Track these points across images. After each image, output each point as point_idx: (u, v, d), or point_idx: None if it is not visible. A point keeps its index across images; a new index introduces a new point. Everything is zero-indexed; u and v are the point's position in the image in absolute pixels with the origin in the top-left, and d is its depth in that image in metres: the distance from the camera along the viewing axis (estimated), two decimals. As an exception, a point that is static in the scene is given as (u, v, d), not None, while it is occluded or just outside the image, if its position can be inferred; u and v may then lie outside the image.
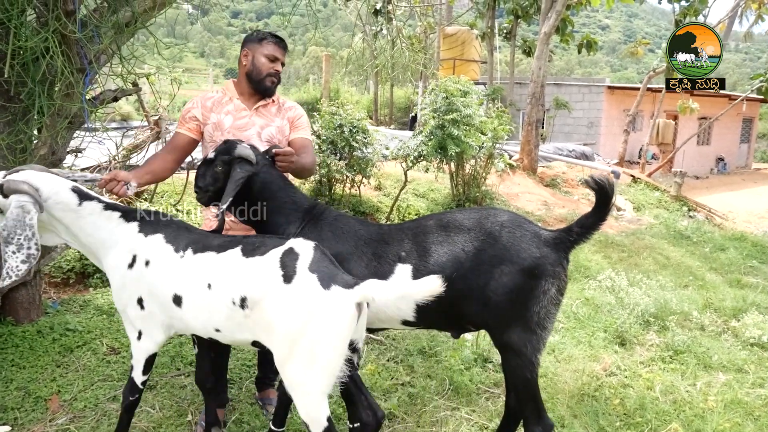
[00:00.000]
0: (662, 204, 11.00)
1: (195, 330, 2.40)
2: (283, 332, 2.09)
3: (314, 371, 2.08)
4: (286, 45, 3.02)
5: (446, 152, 6.56)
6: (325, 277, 2.08)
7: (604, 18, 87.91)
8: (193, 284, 2.29)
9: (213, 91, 3.06)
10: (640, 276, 5.89)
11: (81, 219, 2.40)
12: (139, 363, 2.51)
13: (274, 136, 2.99)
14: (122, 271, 2.41)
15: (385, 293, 2.07)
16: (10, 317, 3.76)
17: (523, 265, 2.31)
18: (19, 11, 2.74)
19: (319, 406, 2.13)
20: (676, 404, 3.50)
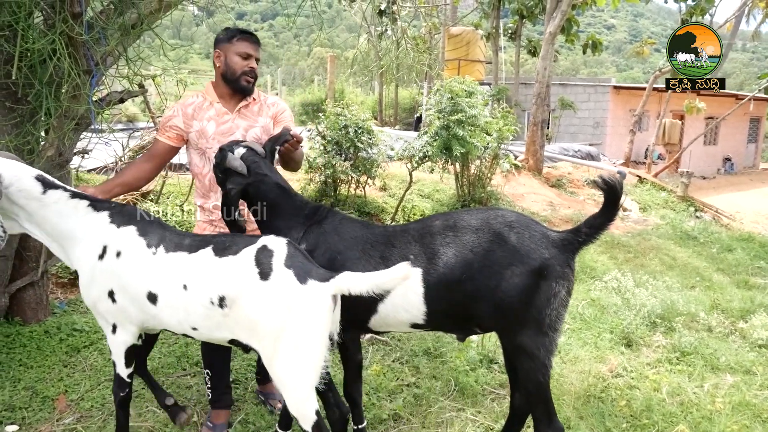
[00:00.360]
0: (669, 204, 10.96)
1: (170, 327, 2.39)
2: (266, 330, 2.12)
3: (299, 365, 2.11)
4: (257, 40, 2.95)
5: (451, 153, 6.55)
6: (300, 272, 2.12)
7: (610, 18, 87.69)
8: (168, 284, 2.29)
9: (193, 96, 2.99)
10: (646, 277, 5.86)
11: (45, 208, 2.34)
12: (120, 357, 2.50)
13: (260, 136, 2.94)
14: (92, 263, 2.37)
15: (360, 284, 2.08)
16: (18, 317, 3.78)
17: (533, 266, 2.30)
18: (26, 14, 2.75)
19: (308, 400, 2.15)
20: (683, 406, 3.49)
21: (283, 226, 2.57)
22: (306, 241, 2.52)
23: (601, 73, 48.25)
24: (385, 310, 2.44)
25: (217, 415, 3.01)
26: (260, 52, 2.95)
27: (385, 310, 2.44)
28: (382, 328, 2.58)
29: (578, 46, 15.60)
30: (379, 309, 2.44)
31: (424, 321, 2.45)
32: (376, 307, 2.44)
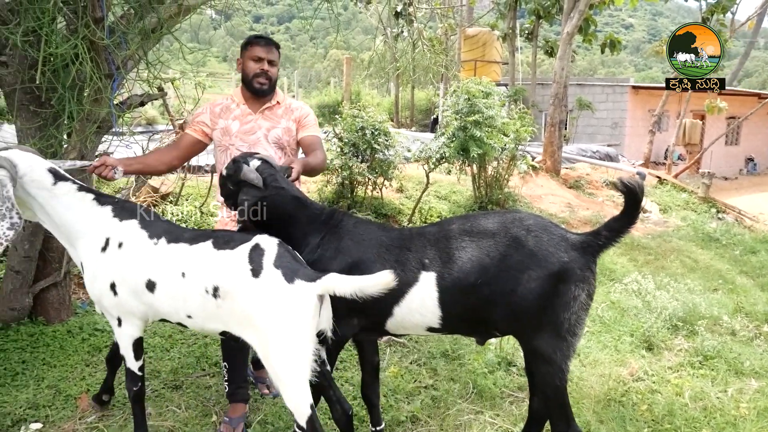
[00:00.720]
0: (690, 206, 10.82)
1: (166, 315, 2.48)
2: (257, 325, 2.23)
3: (290, 361, 2.21)
4: (272, 42, 3.04)
5: (468, 154, 6.53)
6: (288, 272, 2.22)
7: (628, 17, 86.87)
8: (167, 272, 2.40)
9: (223, 98, 3.14)
10: (667, 279, 5.79)
11: (54, 198, 2.47)
12: (128, 350, 2.61)
13: (281, 137, 3.05)
14: (95, 255, 2.49)
15: (344, 286, 2.18)
16: (42, 317, 3.83)
17: (552, 270, 2.28)
18: (50, 19, 2.80)
19: (302, 394, 2.23)
20: (706, 411, 3.44)
21: (300, 235, 2.55)
22: (323, 247, 2.51)
23: (620, 73, 47.82)
24: (401, 314, 2.43)
25: (234, 408, 3.07)
26: (275, 54, 3.03)
27: (401, 313, 2.43)
28: (399, 331, 2.58)
29: (596, 46, 15.46)
30: (395, 312, 2.43)
31: (439, 325, 2.44)
32: (392, 311, 2.43)
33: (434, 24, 21.21)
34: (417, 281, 2.38)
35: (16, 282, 3.66)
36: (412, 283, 2.38)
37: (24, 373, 3.38)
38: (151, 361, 3.65)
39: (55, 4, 2.75)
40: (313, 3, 4.48)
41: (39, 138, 3.23)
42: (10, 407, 3.06)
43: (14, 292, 3.66)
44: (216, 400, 3.31)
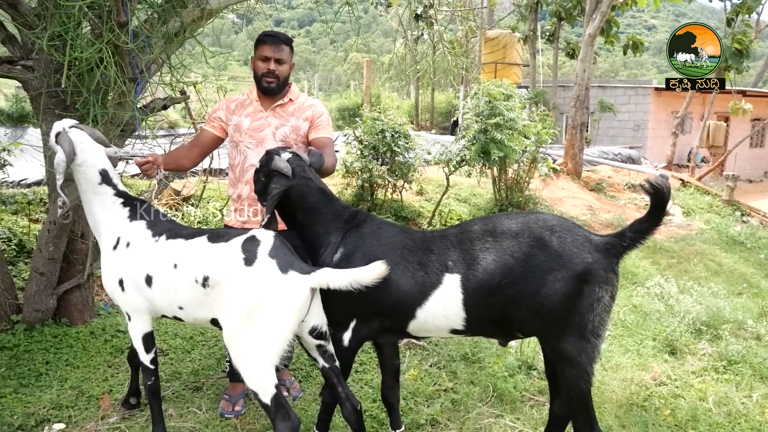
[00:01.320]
0: (713, 209, 10.65)
1: (162, 309, 2.60)
2: (238, 308, 2.29)
3: (264, 344, 2.28)
4: (279, 40, 3.02)
5: (489, 156, 6.50)
6: (283, 263, 2.29)
7: (651, 18, 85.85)
8: (161, 265, 2.52)
9: (240, 93, 3.20)
10: (690, 283, 5.70)
11: (95, 195, 2.70)
12: (138, 342, 2.73)
13: (288, 135, 3.06)
14: (108, 253, 2.68)
15: (338, 280, 2.24)
16: (65, 318, 3.89)
17: (576, 270, 2.25)
18: (75, 24, 2.85)
19: (268, 375, 2.30)
20: (730, 417, 3.37)
21: (323, 231, 2.57)
22: (344, 246, 2.51)
23: (642, 75, 47.30)
24: (423, 316, 2.42)
25: (234, 387, 3.23)
26: (284, 52, 3.02)
27: (423, 315, 2.42)
28: (422, 334, 2.57)
29: (618, 48, 15.30)
30: (418, 315, 2.42)
31: (463, 327, 2.43)
32: (414, 313, 2.42)
33: (454, 26, 21.18)
34: (440, 283, 2.37)
35: (41, 283, 3.72)
36: (436, 285, 2.37)
37: (48, 373, 3.44)
38: (172, 362, 3.69)
39: (80, 9, 2.80)
40: (334, 7, 4.50)
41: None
42: (34, 407, 3.11)
43: (39, 294, 3.72)
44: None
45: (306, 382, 3.55)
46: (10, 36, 3.40)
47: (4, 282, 3.72)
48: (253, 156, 3.04)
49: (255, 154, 3.00)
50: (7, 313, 3.74)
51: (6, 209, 5.05)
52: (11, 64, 3.34)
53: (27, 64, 3.34)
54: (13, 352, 3.53)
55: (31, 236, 4.80)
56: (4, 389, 3.22)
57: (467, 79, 17.42)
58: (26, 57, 3.36)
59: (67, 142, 2.55)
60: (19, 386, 3.28)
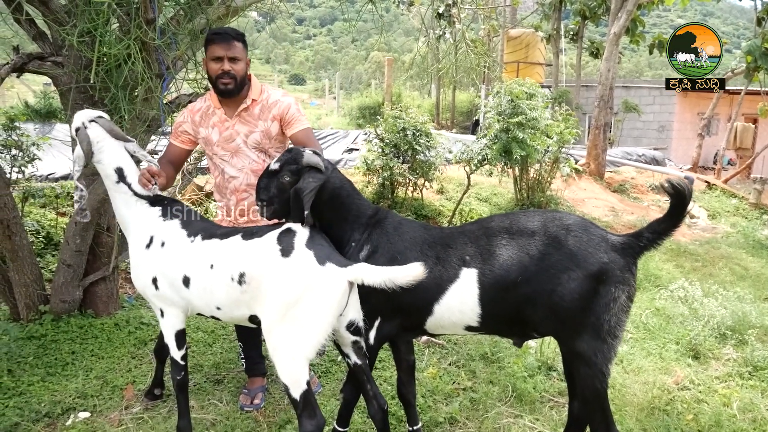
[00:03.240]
0: (740, 212, 10.46)
1: (199, 309, 2.59)
2: (276, 300, 2.26)
3: (302, 338, 2.25)
4: (231, 37, 2.79)
5: (511, 156, 6.46)
6: (321, 254, 2.27)
7: (677, 17, 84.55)
8: (198, 266, 2.50)
9: (200, 101, 3.01)
10: (715, 287, 5.61)
11: (115, 192, 2.69)
12: (170, 339, 2.71)
13: (260, 141, 2.93)
14: (141, 251, 2.64)
15: (373, 276, 2.20)
16: (91, 310, 3.96)
17: (591, 270, 2.25)
18: (104, 20, 2.90)
19: (302, 370, 2.29)
20: (755, 423, 3.32)
21: (348, 228, 2.56)
22: (369, 242, 2.52)
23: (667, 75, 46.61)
24: (440, 311, 2.43)
25: (252, 381, 3.27)
26: (237, 48, 2.80)
27: (440, 311, 2.43)
28: (438, 330, 2.57)
29: (643, 48, 15.11)
30: (435, 310, 2.43)
31: (478, 323, 2.43)
32: (431, 308, 2.43)
33: (476, 25, 21.08)
34: (458, 278, 2.38)
35: (68, 275, 3.79)
36: (453, 280, 2.39)
37: (74, 363, 3.51)
38: (194, 355, 3.74)
39: (109, 6, 2.84)
40: (356, 5, 4.52)
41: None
42: (61, 396, 3.18)
43: (66, 285, 3.80)
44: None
45: (325, 378, 3.57)
46: (41, 33, 3.47)
47: (33, 273, 3.79)
48: (230, 168, 2.98)
49: (232, 165, 2.97)
50: (35, 303, 3.81)
51: (35, 202, 5.15)
52: (42, 60, 3.41)
53: (57, 60, 3.41)
54: (41, 341, 3.61)
55: (58, 229, 4.90)
56: (33, 377, 3.29)
57: (489, 78, 17.34)
58: (56, 53, 3.43)
59: (85, 141, 2.54)
60: (46, 375, 3.35)
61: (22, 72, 3.44)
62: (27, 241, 3.80)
